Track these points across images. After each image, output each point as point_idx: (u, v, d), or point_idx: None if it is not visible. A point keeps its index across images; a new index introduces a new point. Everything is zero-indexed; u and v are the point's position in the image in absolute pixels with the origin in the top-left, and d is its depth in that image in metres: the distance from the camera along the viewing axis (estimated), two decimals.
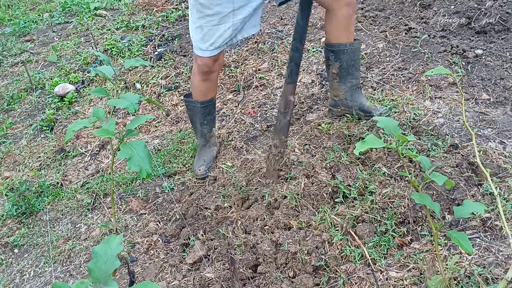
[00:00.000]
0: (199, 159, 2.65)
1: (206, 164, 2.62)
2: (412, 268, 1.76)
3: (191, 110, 2.61)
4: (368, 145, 1.23)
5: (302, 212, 2.13)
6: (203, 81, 2.47)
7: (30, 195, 2.74)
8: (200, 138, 2.67)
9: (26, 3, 6.09)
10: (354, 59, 2.51)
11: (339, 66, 2.50)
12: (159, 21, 4.56)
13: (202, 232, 2.22)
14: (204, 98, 2.54)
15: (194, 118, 2.62)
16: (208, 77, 2.46)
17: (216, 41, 2.27)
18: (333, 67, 2.52)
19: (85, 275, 2.24)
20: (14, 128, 3.55)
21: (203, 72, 2.42)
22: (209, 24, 2.22)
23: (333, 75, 2.56)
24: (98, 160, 3.03)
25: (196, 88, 2.52)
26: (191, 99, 2.57)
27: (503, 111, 2.44)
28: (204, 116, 2.59)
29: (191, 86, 2.57)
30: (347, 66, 2.50)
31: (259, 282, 1.88)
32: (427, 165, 1.29)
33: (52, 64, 4.30)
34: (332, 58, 2.50)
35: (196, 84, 2.50)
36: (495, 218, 1.86)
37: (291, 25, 3.92)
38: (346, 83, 2.55)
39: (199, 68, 2.41)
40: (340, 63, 2.49)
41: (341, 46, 2.45)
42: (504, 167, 2.07)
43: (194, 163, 2.66)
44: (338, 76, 2.54)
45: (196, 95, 2.54)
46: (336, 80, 2.56)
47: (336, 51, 2.47)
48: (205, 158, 2.64)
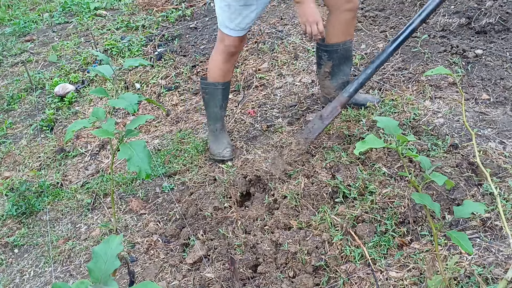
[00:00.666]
0: (220, 143, 2.64)
1: (230, 146, 2.64)
2: (412, 268, 1.76)
3: (211, 93, 2.59)
4: (368, 145, 1.23)
5: (302, 212, 2.13)
6: (227, 62, 2.49)
7: (30, 195, 2.74)
8: (217, 123, 2.66)
9: (26, 3, 6.09)
10: (347, 57, 2.55)
11: (332, 65, 2.55)
12: (159, 21, 4.56)
13: (202, 232, 2.22)
14: (224, 79, 2.56)
15: (213, 101, 2.61)
16: (232, 57, 2.49)
17: (241, 22, 2.32)
18: (325, 66, 2.57)
19: (85, 275, 2.24)
20: (14, 128, 3.55)
21: (229, 52, 2.45)
22: (237, 4, 2.28)
23: (325, 74, 2.60)
24: (98, 160, 3.03)
25: (217, 69, 2.53)
26: (211, 82, 2.56)
27: (503, 111, 2.43)
28: (223, 98, 2.60)
29: (211, 68, 2.56)
30: (340, 64, 2.55)
31: (259, 282, 1.88)
32: (427, 165, 1.29)
33: (52, 64, 4.30)
34: (325, 57, 2.55)
35: (219, 64, 2.51)
36: (495, 218, 1.86)
37: (291, 25, 3.92)
38: (337, 80, 2.59)
39: (226, 48, 2.44)
40: (333, 62, 2.54)
41: (335, 46, 2.50)
42: (504, 167, 2.07)
43: (214, 148, 2.65)
44: (330, 75, 2.59)
45: (217, 76, 2.54)
46: (328, 79, 2.61)
47: (330, 51, 2.52)
48: (225, 140, 2.65)
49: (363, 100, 2.67)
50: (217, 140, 2.65)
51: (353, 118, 2.58)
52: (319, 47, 2.57)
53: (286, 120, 2.83)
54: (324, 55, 2.54)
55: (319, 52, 2.58)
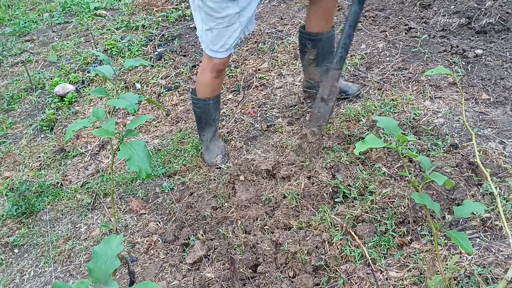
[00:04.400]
0: (211, 151, 2.66)
1: (221, 152, 2.65)
2: (412, 268, 1.76)
3: (202, 108, 2.59)
4: (368, 145, 1.23)
5: (302, 212, 2.13)
6: (216, 78, 2.50)
7: (30, 195, 2.74)
8: (210, 133, 2.66)
9: (26, 3, 6.09)
10: (330, 45, 2.62)
11: (316, 53, 2.61)
12: (159, 21, 4.56)
13: (202, 232, 2.22)
14: (214, 94, 2.56)
15: (206, 115, 2.62)
16: (221, 73, 2.50)
17: (226, 43, 2.32)
18: (309, 53, 2.63)
19: (85, 275, 2.24)
20: (14, 128, 3.55)
21: (218, 70, 2.46)
22: (219, 27, 2.26)
23: (309, 61, 2.67)
24: (98, 160, 3.03)
25: (207, 86, 2.53)
26: (202, 98, 2.57)
27: (503, 111, 2.43)
28: (215, 110, 2.61)
29: (200, 85, 2.56)
30: (324, 52, 2.61)
31: (259, 282, 1.88)
32: (427, 165, 1.29)
33: (52, 64, 4.30)
34: (309, 45, 2.61)
35: (208, 82, 2.51)
36: (495, 218, 1.86)
37: (291, 25, 3.92)
38: (321, 66, 2.65)
39: (214, 67, 2.44)
40: (317, 50, 2.60)
41: (318, 35, 2.55)
42: (504, 167, 2.07)
43: (206, 157, 2.66)
44: (314, 61, 2.65)
45: (207, 93, 2.55)
46: (312, 65, 2.67)
47: (314, 39, 2.58)
48: (217, 148, 2.66)
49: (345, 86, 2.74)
50: (208, 150, 2.67)
51: (353, 118, 2.58)
52: (303, 35, 2.62)
53: (286, 120, 2.83)
54: (308, 43, 2.61)
55: (302, 40, 2.64)
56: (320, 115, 2.41)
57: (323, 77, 2.60)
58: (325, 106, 2.41)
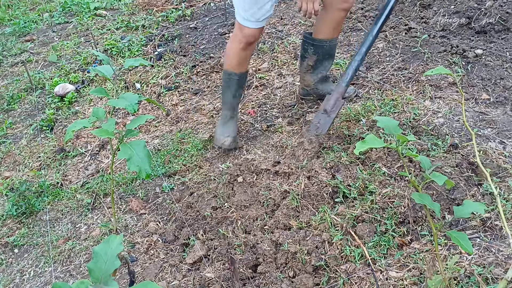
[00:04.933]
0: (224, 129, 2.65)
1: (233, 136, 2.64)
2: (412, 268, 1.76)
3: (226, 81, 2.61)
4: (368, 145, 1.23)
5: (302, 212, 2.13)
6: (243, 50, 2.50)
7: (30, 195, 2.74)
8: (228, 110, 2.67)
9: (26, 3, 6.09)
10: (331, 54, 2.67)
11: (316, 59, 2.66)
12: (159, 21, 4.56)
13: (202, 232, 2.22)
14: (240, 69, 2.57)
15: (228, 89, 2.63)
16: (249, 46, 2.51)
17: (256, 13, 2.34)
18: (309, 59, 2.67)
19: (85, 275, 2.24)
20: (14, 128, 3.55)
21: (247, 42, 2.46)
22: None
23: (307, 67, 2.71)
24: (98, 160, 3.03)
25: (233, 57, 2.54)
26: (228, 71, 2.59)
27: (503, 111, 2.43)
28: (238, 88, 2.62)
29: (228, 55, 2.57)
30: (323, 59, 2.66)
31: (259, 282, 1.88)
32: (427, 165, 1.29)
33: (52, 64, 4.30)
34: (311, 51, 2.64)
35: (235, 52, 2.52)
36: (495, 218, 1.86)
37: (291, 25, 3.93)
38: (317, 74, 2.71)
39: (244, 38, 2.45)
40: (318, 56, 2.65)
41: (322, 42, 2.59)
42: (504, 167, 2.07)
43: (218, 132, 2.67)
44: (312, 68, 2.70)
45: (232, 65, 2.56)
46: (309, 72, 2.72)
47: (317, 46, 2.61)
48: (231, 130, 2.66)
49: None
50: (223, 125, 2.68)
51: (353, 118, 2.58)
52: (306, 41, 2.65)
53: (286, 120, 2.83)
54: (310, 49, 2.63)
55: (305, 45, 2.67)
56: (320, 125, 2.44)
57: (318, 85, 2.70)
58: (326, 117, 2.44)
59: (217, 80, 3.46)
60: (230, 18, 4.40)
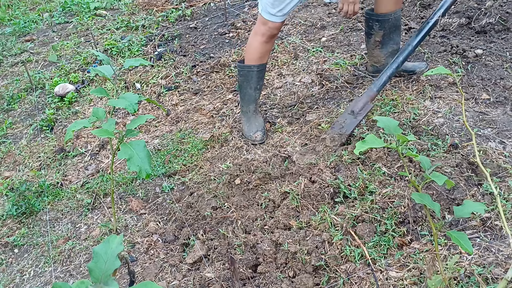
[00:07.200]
0: (251, 125, 2.69)
1: (262, 129, 2.67)
2: (412, 268, 1.76)
3: (246, 76, 2.62)
4: (368, 145, 1.23)
5: (302, 212, 2.13)
6: (266, 43, 2.54)
7: (30, 195, 2.74)
8: (251, 105, 2.69)
9: (26, 3, 6.09)
10: (397, 25, 2.66)
11: (383, 34, 2.65)
12: (159, 21, 4.56)
13: (202, 232, 2.22)
14: (261, 61, 2.59)
15: (248, 83, 2.64)
16: (272, 39, 2.54)
17: (284, 8, 2.38)
18: (376, 35, 2.68)
19: (85, 275, 2.24)
20: (14, 128, 3.55)
21: (270, 35, 2.50)
22: None
23: (375, 43, 2.71)
24: (98, 160, 3.03)
25: (255, 50, 2.56)
26: (247, 65, 2.61)
27: (503, 111, 2.44)
28: (259, 80, 2.63)
29: (249, 49, 2.60)
30: (390, 33, 2.65)
31: (259, 282, 1.88)
32: (427, 165, 1.29)
33: (52, 64, 4.30)
34: (376, 27, 2.65)
35: (258, 46, 2.54)
36: (495, 218, 1.86)
37: (291, 25, 3.93)
38: (388, 48, 2.70)
39: (267, 31, 2.48)
40: (384, 31, 2.64)
41: (387, 16, 2.59)
42: (504, 167, 2.07)
43: (246, 130, 2.70)
44: (380, 43, 2.69)
45: (254, 58, 2.58)
46: (378, 48, 2.71)
47: (381, 20, 2.61)
48: (258, 124, 2.69)
49: (412, 67, 2.79)
50: (250, 122, 2.70)
51: None
52: (370, 17, 2.65)
53: (286, 120, 2.83)
54: (375, 25, 2.64)
55: (369, 22, 2.67)
56: (345, 125, 2.43)
57: (389, 60, 2.65)
58: (352, 118, 2.43)
59: (217, 80, 3.46)
60: (230, 18, 4.40)
